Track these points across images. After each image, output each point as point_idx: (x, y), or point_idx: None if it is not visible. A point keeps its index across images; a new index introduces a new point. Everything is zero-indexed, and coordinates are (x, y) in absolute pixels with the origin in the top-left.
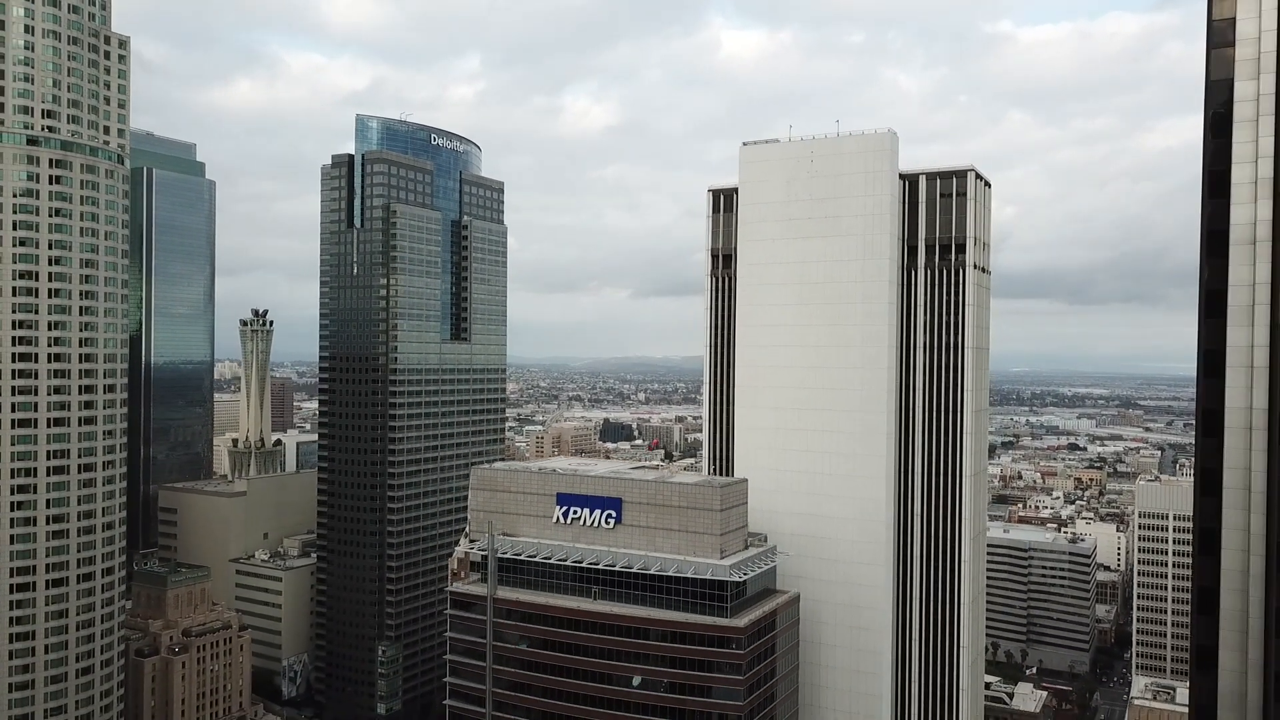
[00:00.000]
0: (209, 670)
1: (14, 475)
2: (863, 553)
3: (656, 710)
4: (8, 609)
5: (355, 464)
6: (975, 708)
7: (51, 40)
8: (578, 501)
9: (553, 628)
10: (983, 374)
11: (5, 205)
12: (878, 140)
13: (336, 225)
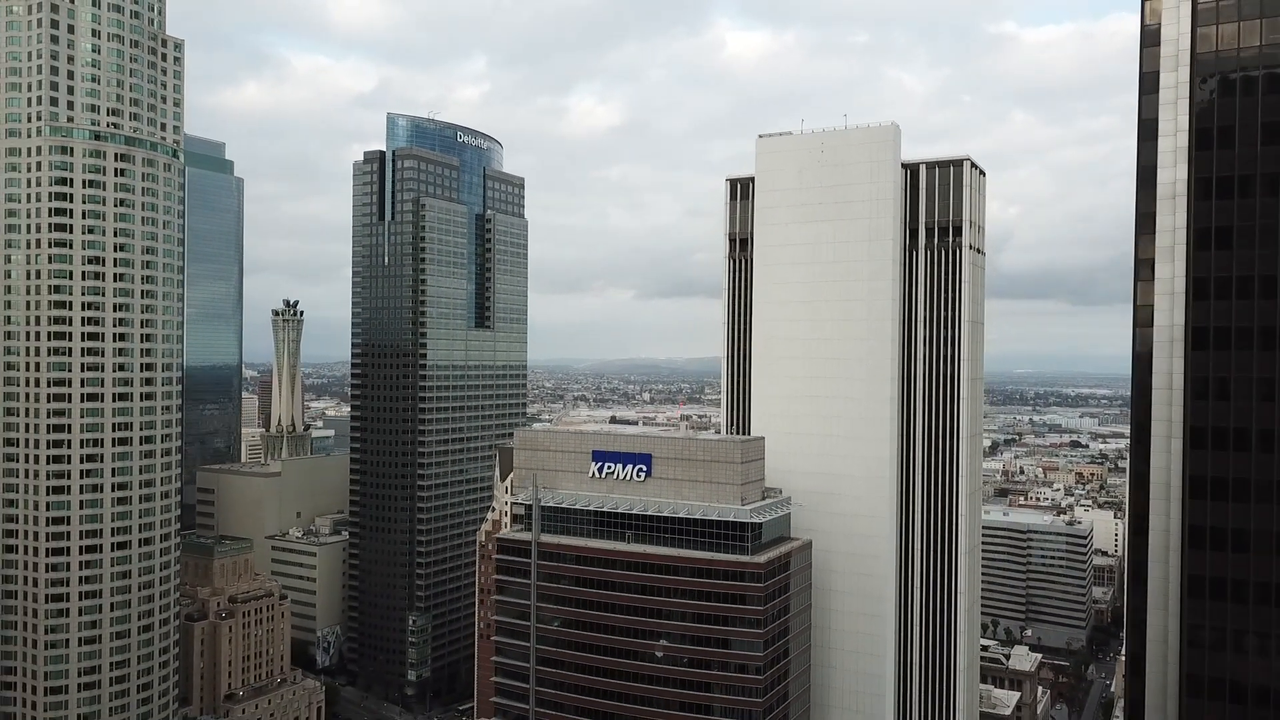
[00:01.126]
0: (253, 635)
1: (83, 445)
2: (868, 507)
3: (685, 639)
4: (78, 569)
5: (387, 445)
6: (971, 644)
7: (115, 44)
8: (611, 458)
9: (590, 567)
10: (978, 346)
11: (75, 196)
12: (882, 132)
13: (368, 219)
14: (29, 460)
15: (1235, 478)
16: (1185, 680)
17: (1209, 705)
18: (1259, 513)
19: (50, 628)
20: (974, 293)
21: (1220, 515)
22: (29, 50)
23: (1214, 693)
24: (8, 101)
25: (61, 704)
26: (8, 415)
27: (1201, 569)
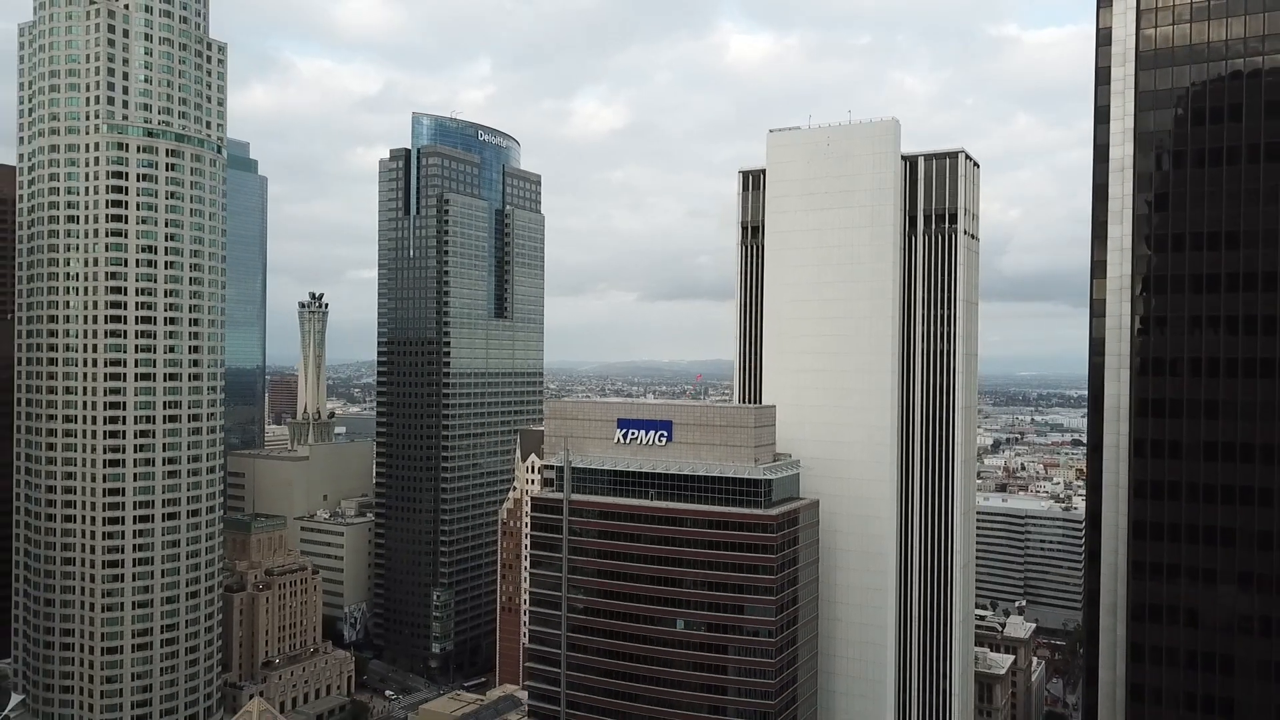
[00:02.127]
0: (288, 606)
1: (137, 422)
2: (871, 472)
3: (700, 584)
4: (132, 537)
5: (412, 430)
6: (966, 599)
7: (165, 46)
8: (635, 425)
9: (617, 521)
10: (972, 324)
11: (130, 189)
12: (883, 127)
13: (394, 213)
14: (87, 436)
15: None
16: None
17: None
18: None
19: (106, 591)
20: (968, 275)
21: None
22: (87, 53)
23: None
24: (68, 101)
25: (117, 663)
26: (67, 394)
27: (1144, 515)
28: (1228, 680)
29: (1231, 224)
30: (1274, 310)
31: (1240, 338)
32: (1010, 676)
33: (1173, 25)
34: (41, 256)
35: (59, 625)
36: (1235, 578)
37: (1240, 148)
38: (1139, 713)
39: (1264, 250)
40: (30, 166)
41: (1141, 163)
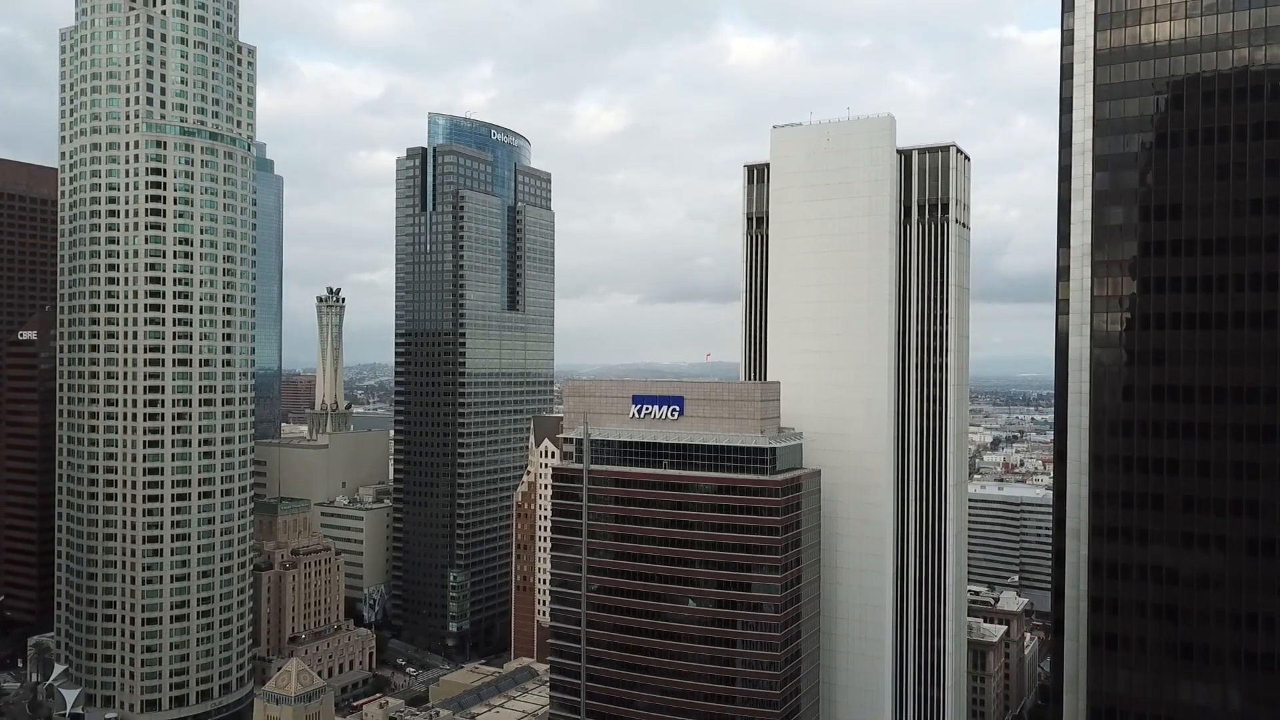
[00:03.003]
0: (313, 585)
1: (174, 405)
2: (869, 444)
3: (710, 544)
4: (170, 514)
5: (428, 418)
6: (959, 564)
7: (199, 49)
8: (649, 401)
9: (632, 489)
10: (963, 307)
11: (168, 185)
12: (879, 123)
13: (411, 209)
14: (128, 419)
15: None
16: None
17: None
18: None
19: (146, 565)
20: (959, 261)
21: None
22: (127, 57)
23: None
24: (108, 101)
25: (156, 633)
26: (109, 379)
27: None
28: (1172, 589)
29: (1175, 197)
30: (1213, 271)
31: (1186, 294)
32: (1004, 646)
33: (1125, 28)
34: (83, 249)
35: (101, 598)
36: (1177, 502)
37: (1181, 132)
38: (1098, 621)
39: (1205, 219)
40: (72, 164)
41: (1099, 144)
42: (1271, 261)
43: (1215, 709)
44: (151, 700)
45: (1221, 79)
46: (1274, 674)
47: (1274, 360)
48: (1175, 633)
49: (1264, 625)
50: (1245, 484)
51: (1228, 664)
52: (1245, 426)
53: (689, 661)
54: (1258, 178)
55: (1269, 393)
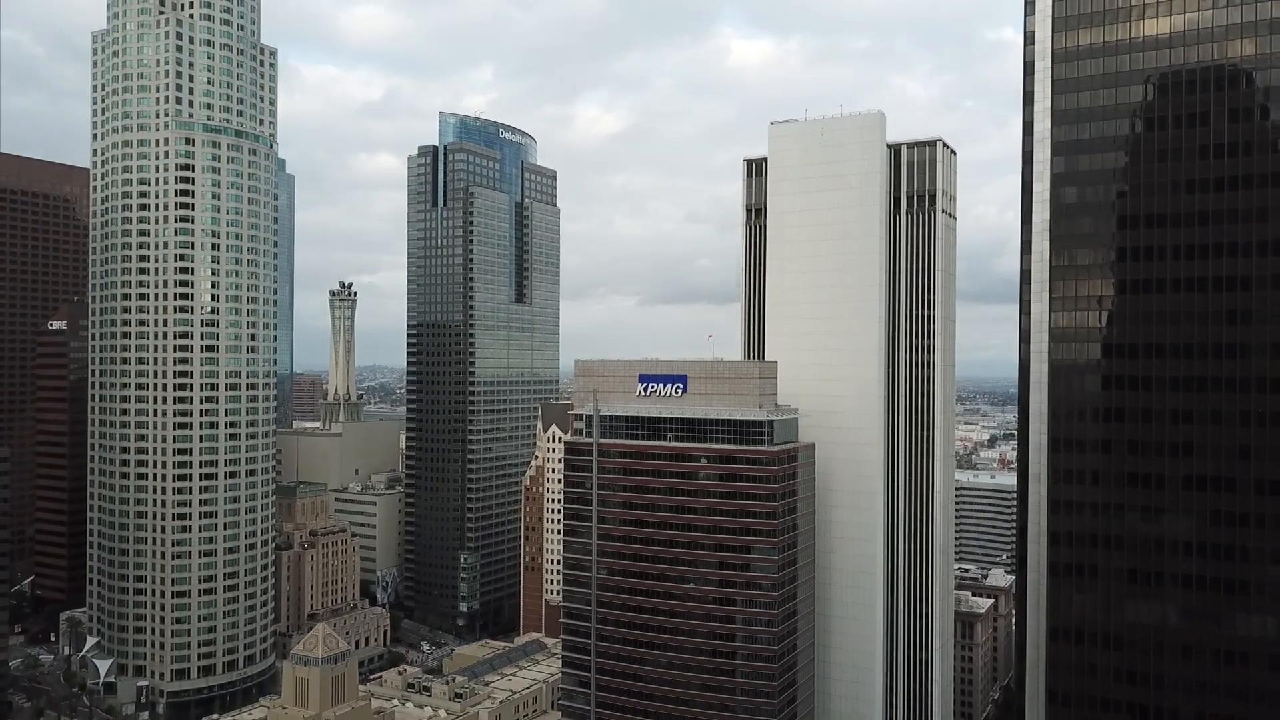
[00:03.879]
0: (330, 565)
1: (202, 389)
2: (860, 420)
3: (712, 511)
4: (198, 493)
5: (440, 404)
6: (946, 532)
7: (225, 51)
8: (655, 379)
9: (639, 460)
10: (950, 292)
11: (196, 179)
12: (870, 119)
13: (422, 204)
14: (157, 402)
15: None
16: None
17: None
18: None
19: (175, 541)
20: (946, 249)
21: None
22: (157, 58)
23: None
24: (139, 100)
25: (185, 605)
26: (139, 364)
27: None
28: (1119, 522)
29: (1114, 163)
30: (1155, 242)
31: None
32: (991, 618)
33: (1075, 30)
34: (115, 241)
35: (132, 573)
36: (1123, 445)
37: (1127, 120)
38: (1055, 552)
39: (1148, 197)
40: (104, 160)
41: (1056, 132)
42: (1205, 234)
43: (1156, 625)
44: (180, 669)
45: (1160, 75)
46: (1206, 594)
47: (1197, 320)
48: (1122, 560)
49: (1198, 552)
50: (1181, 428)
51: (1167, 586)
52: (1181, 378)
53: (693, 620)
54: (1201, 160)
55: (1200, 348)
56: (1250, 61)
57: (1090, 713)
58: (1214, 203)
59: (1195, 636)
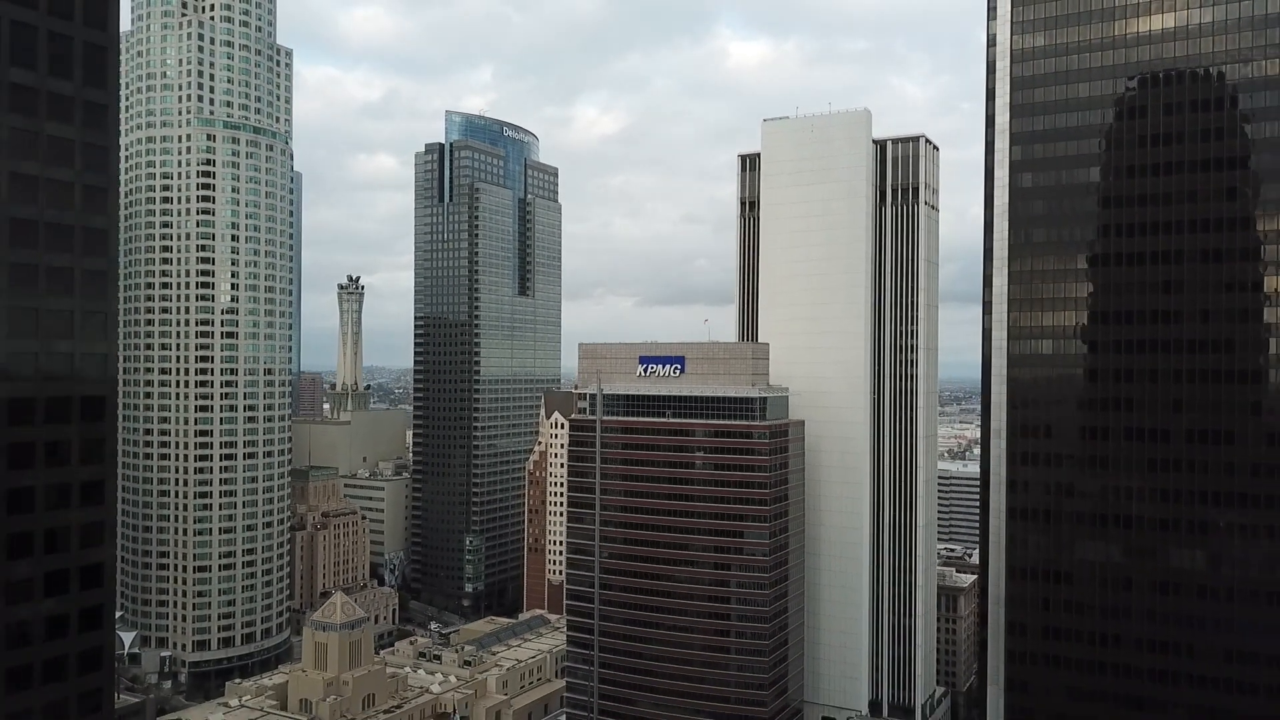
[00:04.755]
0: (341, 545)
1: (222, 374)
2: (848, 400)
3: (707, 482)
4: (218, 473)
5: (446, 392)
6: (929, 506)
7: (244, 52)
8: (654, 360)
9: (640, 435)
10: (932, 279)
11: (217, 174)
12: (857, 116)
13: (429, 200)
14: (180, 386)
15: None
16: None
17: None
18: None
19: (197, 518)
20: (928, 239)
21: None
22: (180, 58)
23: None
24: (163, 98)
25: (205, 580)
26: (163, 350)
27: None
28: (1069, 471)
29: (1064, 150)
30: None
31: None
32: (974, 593)
33: (1032, 33)
34: (139, 232)
35: (155, 548)
36: (1072, 402)
37: (1074, 113)
38: (1014, 498)
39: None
40: (128, 155)
41: (1014, 124)
42: (1143, 214)
43: (1102, 561)
44: (201, 641)
45: (1104, 70)
46: (1144, 532)
47: (1136, 290)
48: (1072, 504)
49: (1137, 495)
50: (1122, 386)
51: (1110, 526)
52: (1122, 341)
53: (691, 585)
54: (1139, 148)
55: (1139, 315)
56: (1183, 62)
57: (1044, 641)
58: (1150, 187)
59: (1135, 570)
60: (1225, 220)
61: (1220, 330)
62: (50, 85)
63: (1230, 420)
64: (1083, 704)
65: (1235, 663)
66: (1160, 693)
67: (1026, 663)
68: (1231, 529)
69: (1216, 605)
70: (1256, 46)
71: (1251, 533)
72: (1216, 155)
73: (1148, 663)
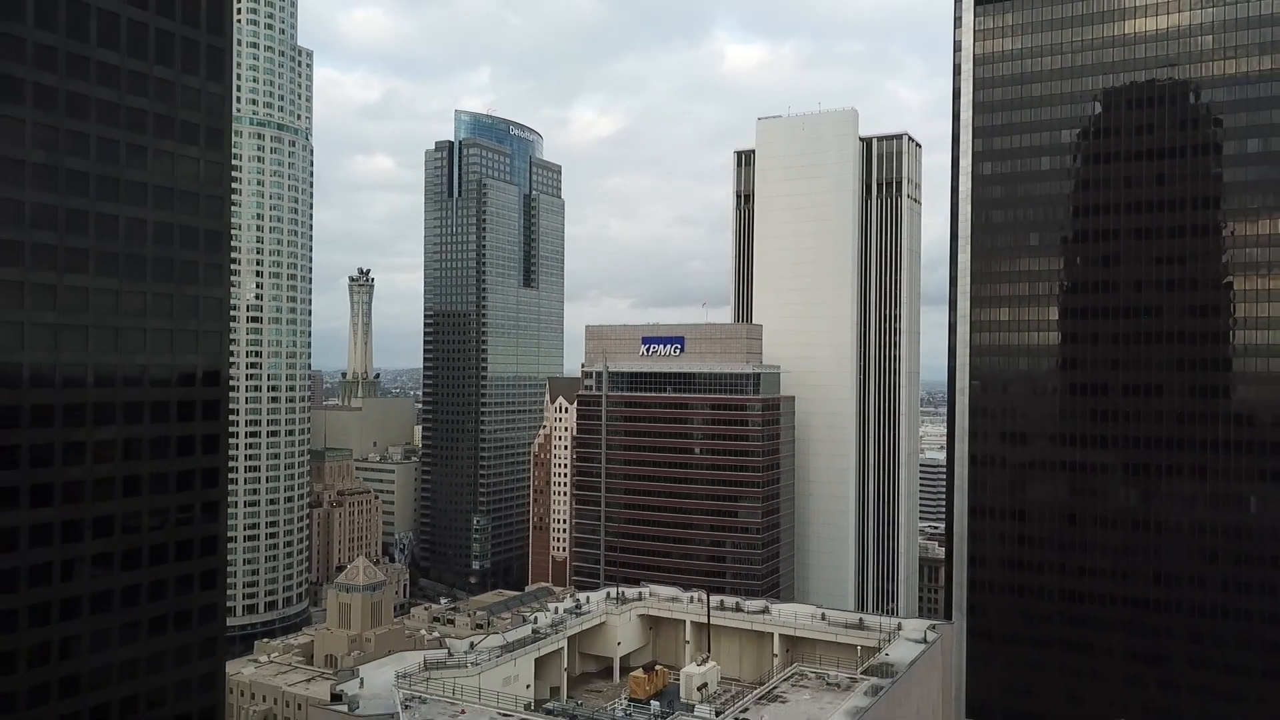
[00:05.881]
0: (356, 522)
1: (248, 355)
2: (835, 378)
3: (704, 451)
4: (244, 449)
5: (454, 378)
6: (911, 477)
7: (268, 52)
8: (656, 340)
9: (643, 409)
10: (915, 267)
11: (244, 168)
12: (845, 115)
13: (439, 195)
14: None
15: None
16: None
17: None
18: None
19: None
20: (911, 230)
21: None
22: None
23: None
24: None
25: (231, 550)
26: None
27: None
28: (1019, 420)
29: (1016, 143)
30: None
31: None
32: None
33: (991, 39)
34: None
35: None
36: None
37: (1027, 111)
38: (975, 445)
39: None
40: None
41: (976, 119)
42: (1085, 196)
43: (1049, 500)
44: (227, 607)
45: (1048, 74)
46: (1085, 474)
47: (1080, 264)
48: (1024, 451)
49: (1080, 442)
50: (1068, 347)
51: (1057, 470)
52: (1068, 309)
53: (689, 545)
54: (1083, 139)
55: (1082, 285)
56: (1129, 66)
57: (999, 570)
58: (1093, 173)
59: (1079, 507)
60: (1154, 203)
61: (1150, 298)
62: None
63: (1159, 375)
64: (1034, 624)
65: (1161, 585)
66: (1099, 613)
67: (986, 590)
68: (1160, 469)
69: (1147, 536)
70: (1207, 50)
71: (1176, 472)
72: (1149, 147)
73: (1088, 587)
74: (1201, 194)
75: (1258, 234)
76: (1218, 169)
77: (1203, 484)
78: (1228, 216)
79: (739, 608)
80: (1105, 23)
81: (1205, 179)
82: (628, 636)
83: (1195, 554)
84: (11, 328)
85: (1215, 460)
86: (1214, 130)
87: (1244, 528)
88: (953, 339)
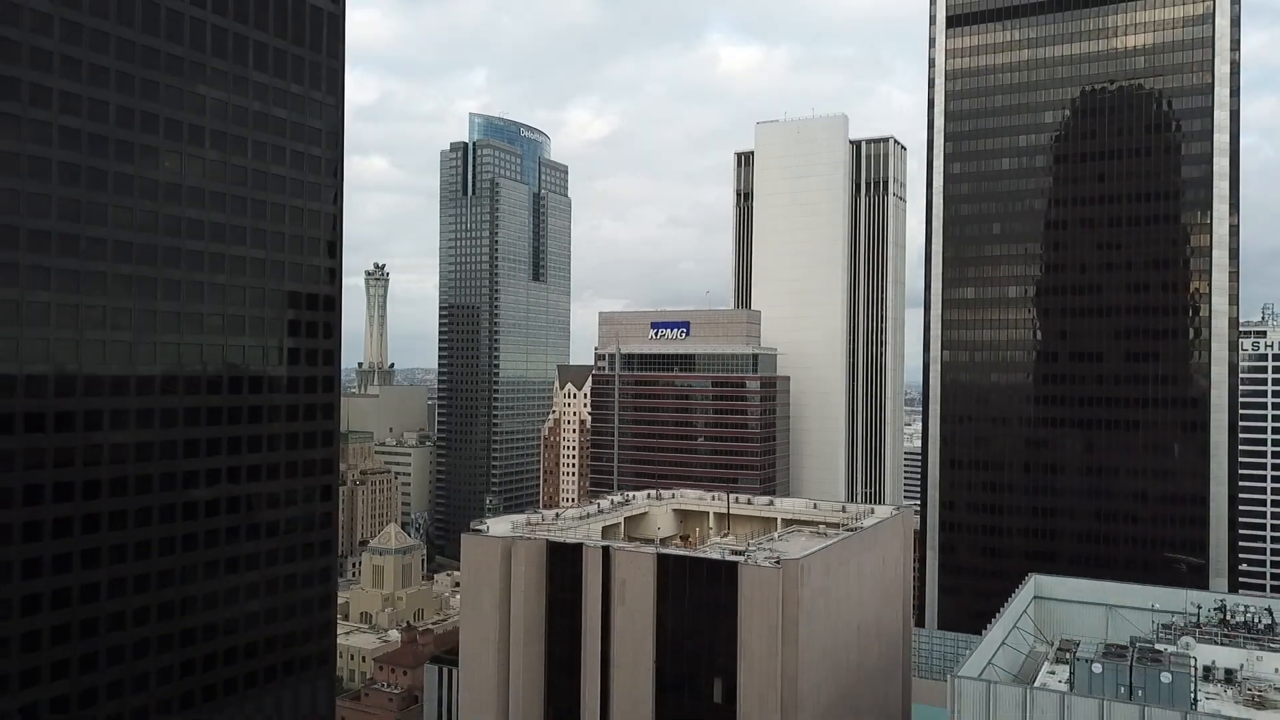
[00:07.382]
0: (376, 500)
1: None
2: (827, 360)
3: (708, 424)
4: None
5: (468, 367)
6: (896, 449)
7: None
8: (664, 325)
9: (652, 387)
10: (900, 260)
11: None
12: (836, 120)
13: (454, 194)
14: None
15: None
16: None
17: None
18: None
19: None
20: (896, 225)
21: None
22: None
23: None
24: None
25: None
26: None
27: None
28: (983, 376)
29: (982, 146)
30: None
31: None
32: None
33: (960, 57)
34: None
35: None
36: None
37: (992, 118)
38: (945, 407)
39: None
40: None
41: (948, 127)
42: (1039, 186)
43: (1009, 451)
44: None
45: (1010, 87)
46: (1037, 428)
47: (1039, 242)
48: (987, 408)
49: (1035, 400)
50: (1025, 321)
51: (1014, 424)
52: (1026, 287)
53: None
54: (1038, 136)
55: (1039, 263)
56: (1090, 79)
57: (967, 513)
58: (1045, 172)
59: (1033, 457)
60: (1097, 198)
61: (1093, 278)
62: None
63: (1099, 344)
64: (995, 559)
65: (1103, 520)
66: (1051, 546)
67: (954, 530)
68: (1100, 423)
69: (1089, 479)
70: (1140, 69)
71: (1113, 425)
72: (1094, 150)
73: (1042, 525)
74: (1136, 190)
75: (1194, 224)
76: (1148, 170)
77: (1136, 435)
78: (1156, 209)
79: (750, 502)
80: (1057, 45)
81: (1138, 178)
82: (665, 523)
83: (1130, 494)
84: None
85: (1146, 415)
86: (1146, 136)
87: (1169, 470)
88: (927, 315)
